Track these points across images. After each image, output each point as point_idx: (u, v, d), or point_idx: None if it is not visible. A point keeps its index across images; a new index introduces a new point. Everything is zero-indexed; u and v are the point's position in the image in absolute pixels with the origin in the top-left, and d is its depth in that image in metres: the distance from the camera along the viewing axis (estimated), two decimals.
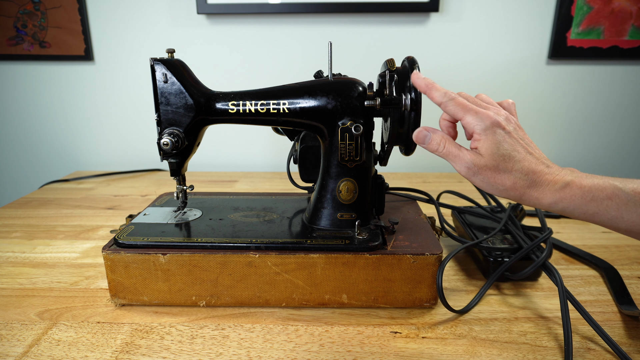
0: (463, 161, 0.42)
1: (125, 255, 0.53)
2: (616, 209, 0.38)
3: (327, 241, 0.54)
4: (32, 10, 1.12)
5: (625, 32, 1.10)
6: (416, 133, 0.45)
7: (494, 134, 0.41)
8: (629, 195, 0.37)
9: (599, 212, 0.39)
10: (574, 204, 0.39)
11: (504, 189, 0.41)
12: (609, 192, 0.38)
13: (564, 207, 0.40)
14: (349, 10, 1.08)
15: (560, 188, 0.39)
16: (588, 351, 0.48)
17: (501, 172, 0.41)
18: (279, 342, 0.50)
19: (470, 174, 0.42)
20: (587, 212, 0.39)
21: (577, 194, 0.39)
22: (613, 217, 0.38)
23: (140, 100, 1.20)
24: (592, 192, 0.39)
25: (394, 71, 0.53)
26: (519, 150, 0.41)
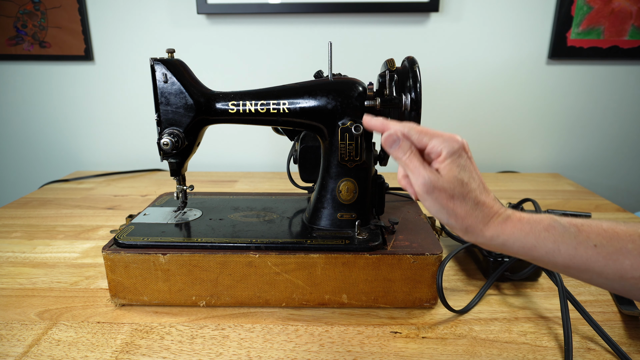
0: (421, 176, 0.41)
1: (125, 255, 0.53)
2: (553, 241, 0.37)
3: (327, 241, 0.54)
4: (32, 10, 1.12)
5: (625, 32, 1.10)
6: (386, 135, 0.44)
7: (459, 157, 0.41)
8: (565, 226, 0.37)
9: (537, 246, 0.38)
10: (513, 237, 0.38)
11: (453, 214, 0.40)
12: (546, 224, 0.38)
13: (504, 240, 0.39)
14: (349, 10, 1.08)
15: (502, 221, 0.39)
16: (588, 351, 0.48)
17: (455, 199, 0.40)
18: (279, 342, 0.50)
19: (424, 192, 0.41)
20: (526, 246, 0.38)
21: (516, 227, 0.38)
22: (550, 250, 0.37)
23: (140, 100, 1.20)
24: (530, 224, 0.38)
25: (394, 71, 0.53)
26: (475, 179, 0.41)
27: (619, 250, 0.34)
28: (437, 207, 0.41)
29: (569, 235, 0.36)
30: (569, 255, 0.36)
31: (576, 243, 0.36)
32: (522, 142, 1.22)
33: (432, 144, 0.42)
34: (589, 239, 0.36)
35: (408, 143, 0.43)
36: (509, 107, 1.18)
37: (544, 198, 0.98)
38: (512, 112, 1.19)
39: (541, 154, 1.23)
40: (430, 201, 0.41)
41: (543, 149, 1.23)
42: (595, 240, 0.35)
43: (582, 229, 0.36)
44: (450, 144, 0.41)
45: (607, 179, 1.25)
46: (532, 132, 1.21)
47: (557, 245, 0.36)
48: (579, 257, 0.36)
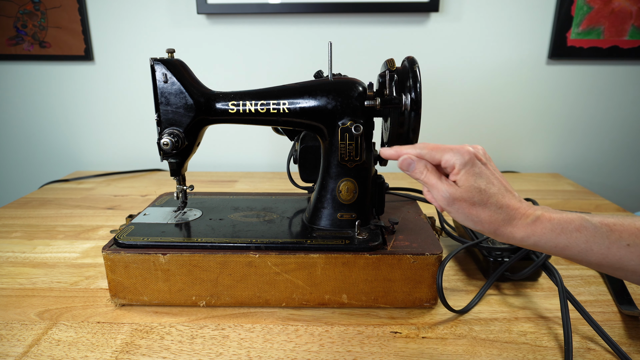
0: (440, 191, 0.42)
1: (125, 255, 0.53)
2: (585, 241, 0.37)
3: (327, 241, 0.54)
4: (32, 10, 1.12)
5: (625, 32, 1.10)
6: (401, 160, 0.45)
7: (472, 167, 0.42)
8: (597, 226, 0.37)
9: (569, 245, 0.38)
10: (545, 238, 0.39)
11: (478, 221, 0.41)
12: (577, 224, 0.38)
13: (536, 241, 0.39)
14: (349, 10, 1.08)
15: (532, 222, 0.40)
16: (588, 351, 0.48)
17: (477, 206, 0.41)
18: (279, 342, 0.50)
19: (446, 204, 0.42)
20: (558, 246, 0.39)
21: (547, 227, 0.39)
22: (583, 249, 0.38)
23: (140, 100, 1.20)
24: (561, 225, 0.39)
25: (394, 71, 0.53)
26: (494, 183, 0.42)
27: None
28: (462, 216, 0.42)
29: (600, 235, 0.37)
30: (602, 254, 0.37)
31: (608, 243, 0.36)
32: (522, 142, 1.22)
33: (445, 158, 0.43)
34: (621, 238, 0.36)
35: (422, 163, 0.44)
36: (509, 107, 1.18)
37: (544, 198, 0.98)
38: (512, 112, 1.19)
39: (541, 154, 1.23)
40: (454, 212, 0.42)
41: (543, 149, 1.23)
42: (628, 239, 0.36)
43: (614, 228, 0.37)
44: (461, 155, 0.42)
45: (607, 179, 1.25)
46: (532, 132, 1.21)
47: (589, 245, 0.37)
48: (611, 256, 0.36)
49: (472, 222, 0.42)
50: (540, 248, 0.40)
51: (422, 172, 0.44)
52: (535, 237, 0.39)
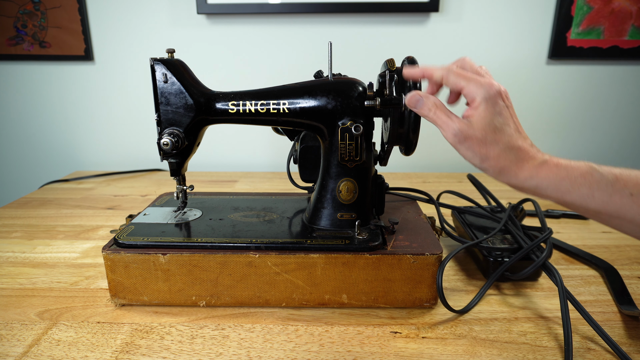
0: (451, 128, 0.42)
1: (125, 255, 0.53)
2: (588, 186, 0.38)
3: (327, 241, 0.54)
4: (32, 10, 1.12)
5: (625, 32, 1.10)
6: (409, 97, 0.45)
7: (494, 105, 0.41)
8: (603, 174, 0.37)
9: (571, 190, 0.38)
10: (547, 180, 0.39)
11: (486, 158, 0.41)
12: (583, 170, 0.38)
13: (538, 183, 0.39)
14: (349, 10, 1.08)
15: (538, 165, 0.40)
16: (588, 351, 0.48)
17: (488, 144, 0.41)
18: (279, 342, 0.50)
19: (456, 142, 0.42)
20: (560, 190, 0.39)
21: (552, 171, 0.39)
22: (584, 195, 0.38)
23: (140, 100, 1.20)
24: (566, 170, 0.39)
25: (394, 71, 0.53)
26: (510, 125, 0.41)
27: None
28: (470, 153, 0.42)
29: (605, 182, 0.37)
30: (603, 202, 0.37)
31: (612, 190, 0.36)
32: None
33: (469, 89, 0.42)
34: (626, 187, 0.36)
35: (431, 100, 0.44)
36: None
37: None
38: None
39: None
40: (462, 149, 0.42)
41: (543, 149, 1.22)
42: (633, 189, 0.36)
43: (620, 177, 0.37)
44: (486, 89, 0.41)
45: None
46: (532, 132, 1.21)
47: (592, 191, 0.37)
48: (612, 204, 0.37)
49: (479, 159, 0.41)
50: (541, 191, 0.40)
51: (430, 110, 0.44)
52: (538, 179, 0.39)
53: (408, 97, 0.45)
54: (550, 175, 0.39)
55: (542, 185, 0.40)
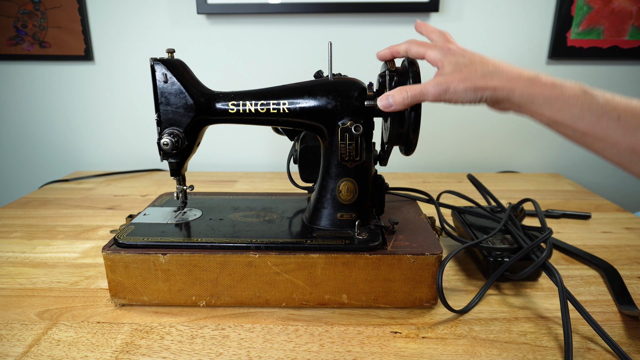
0: (430, 86, 0.45)
1: (125, 255, 0.53)
2: (580, 107, 0.39)
3: (327, 241, 0.54)
4: (32, 10, 1.12)
5: (625, 32, 1.10)
6: (380, 103, 0.48)
7: (454, 54, 0.46)
8: (594, 95, 0.39)
9: (563, 109, 0.39)
10: (542, 97, 0.40)
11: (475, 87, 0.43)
12: (576, 91, 0.39)
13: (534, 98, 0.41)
14: (349, 10, 1.08)
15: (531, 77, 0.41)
16: (588, 351, 0.48)
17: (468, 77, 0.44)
18: (279, 342, 0.50)
19: (442, 91, 0.45)
20: (553, 107, 0.40)
21: (547, 88, 0.40)
22: (575, 115, 0.39)
23: (140, 100, 1.20)
24: (561, 89, 0.40)
25: (394, 71, 0.53)
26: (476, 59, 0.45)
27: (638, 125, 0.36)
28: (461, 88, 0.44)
29: (596, 103, 0.38)
30: (591, 123, 0.38)
31: (601, 112, 0.37)
32: (522, 142, 1.22)
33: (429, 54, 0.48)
34: (615, 110, 0.37)
35: (397, 89, 0.47)
36: None
37: (544, 198, 0.98)
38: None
39: (541, 154, 1.23)
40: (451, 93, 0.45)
41: (543, 149, 1.23)
42: (621, 112, 0.37)
43: (610, 101, 0.38)
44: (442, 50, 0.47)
45: (607, 179, 1.25)
46: (532, 132, 1.21)
47: (582, 112, 0.38)
48: (599, 126, 0.38)
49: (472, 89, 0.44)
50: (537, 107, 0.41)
51: (403, 96, 0.47)
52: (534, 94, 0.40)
53: (380, 104, 0.48)
54: (545, 91, 0.40)
55: (537, 102, 0.41)
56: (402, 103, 0.48)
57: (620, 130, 0.37)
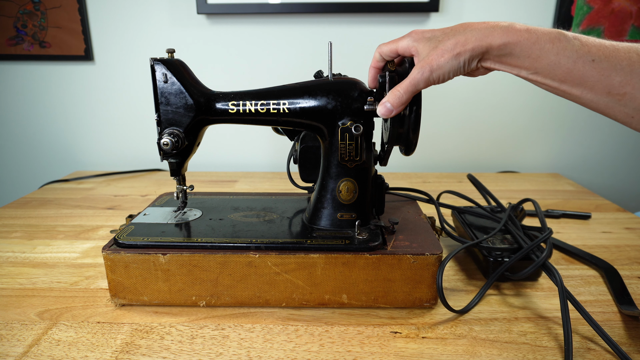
0: (416, 74, 0.45)
1: (125, 255, 0.53)
2: (556, 53, 0.39)
3: (327, 241, 0.54)
4: (32, 10, 1.12)
5: (625, 32, 1.10)
6: (380, 112, 0.49)
7: (423, 36, 0.46)
8: (569, 39, 0.39)
9: (541, 56, 0.39)
10: (520, 46, 0.40)
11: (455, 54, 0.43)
12: (553, 36, 0.39)
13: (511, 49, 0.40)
14: (349, 10, 1.08)
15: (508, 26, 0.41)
16: (588, 351, 0.48)
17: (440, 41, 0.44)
18: (279, 342, 0.50)
19: (427, 72, 0.45)
20: (531, 55, 0.40)
21: (523, 35, 0.40)
22: (552, 62, 0.39)
23: (140, 100, 1.20)
24: (536, 34, 0.40)
25: (393, 71, 0.53)
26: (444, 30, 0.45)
27: (613, 67, 0.37)
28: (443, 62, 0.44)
29: (571, 47, 0.38)
30: (568, 68, 0.38)
31: (576, 57, 0.38)
32: (522, 142, 1.22)
33: (400, 45, 0.48)
34: (589, 53, 0.37)
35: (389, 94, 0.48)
36: (508, 106, 1.18)
37: (544, 198, 0.98)
38: (512, 112, 1.19)
39: (541, 154, 1.23)
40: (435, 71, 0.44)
41: (543, 149, 1.23)
42: (595, 55, 0.37)
43: (585, 43, 0.38)
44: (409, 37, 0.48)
45: (607, 179, 1.25)
46: (532, 132, 1.21)
47: (558, 58, 0.38)
48: (576, 71, 0.38)
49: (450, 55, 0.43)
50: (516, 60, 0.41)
51: (397, 97, 0.47)
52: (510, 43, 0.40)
53: (381, 114, 0.49)
54: (522, 40, 0.40)
55: (515, 51, 0.40)
56: (400, 103, 0.48)
57: (595, 73, 0.37)
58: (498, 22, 0.42)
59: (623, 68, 0.37)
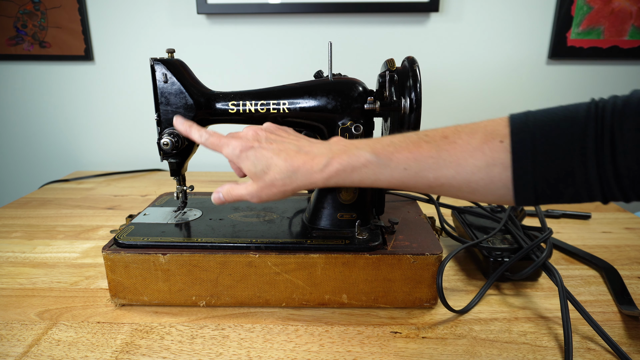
0: (244, 193, 0.47)
1: (125, 255, 0.53)
2: (373, 173, 0.42)
3: (327, 241, 0.54)
4: (32, 10, 1.12)
5: (625, 32, 1.10)
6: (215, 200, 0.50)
7: (247, 158, 0.46)
8: (379, 158, 0.42)
9: (363, 180, 0.43)
10: (341, 178, 0.43)
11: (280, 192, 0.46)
12: (363, 161, 0.42)
13: (337, 182, 0.44)
14: (349, 10, 1.08)
15: (323, 167, 0.44)
16: (588, 351, 0.48)
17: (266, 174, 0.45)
18: (279, 342, 0.50)
19: (255, 200, 0.47)
20: (354, 182, 0.43)
21: (339, 169, 0.43)
22: (373, 180, 0.43)
23: (140, 100, 1.20)
24: (351, 164, 0.43)
25: (393, 71, 0.53)
26: (270, 157, 0.45)
27: (423, 169, 0.41)
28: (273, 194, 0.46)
29: (384, 166, 0.42)
30: (387, 180, 0.43)
31: (390, 170, 0.42)
32: None
33: (225, 153, 0.48)
34: (399, 164, 0.41)
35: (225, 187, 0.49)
36: (509, 107, 1.18)
37: None
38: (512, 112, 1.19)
39: None
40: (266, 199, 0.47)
41: None
42: (405, 164, 0.41)
43: (393, 157, 0.42)
44: (234, 151, 0.47)
45: None
46: None
47: (377, 176, 0.43)
48: (395, 180, 0.42)
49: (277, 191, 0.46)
50: (342, 185, 0.45)
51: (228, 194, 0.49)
52: (333, 179, 0.44)
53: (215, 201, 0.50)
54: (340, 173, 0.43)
55: (339, 182, 0.44)
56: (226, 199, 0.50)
57: (411, 177, 0.41)
58: (315, 157, 0.44)
59: (431, 166, 0.40)
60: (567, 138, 0.36)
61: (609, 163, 0.35)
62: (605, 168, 0.35)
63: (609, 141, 0.35)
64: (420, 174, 0.41)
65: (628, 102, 0.35)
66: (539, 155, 0.37)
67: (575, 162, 0.36)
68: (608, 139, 0.35)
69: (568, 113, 0.38)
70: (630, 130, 0.34)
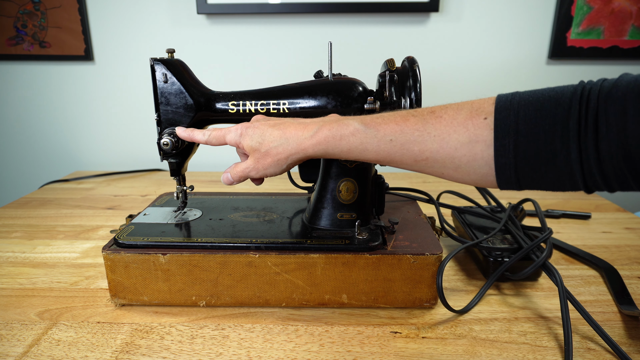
0: (244, 167, 0.50)
1: (125, 255, 0.53)
2: (360, 142, 0.43)
3: (327, 241, 0.54)
4: (32, 10, 1.12)
5: (625, 32, 1.10)
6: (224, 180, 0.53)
7: (246, 135, 0.49)
8: (367, 128, 0.43)
9: (351, 149, 0.44)
10: (330, 145, 0.45)
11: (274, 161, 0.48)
12: (352, 129, 0.43)
13: (325, 149, 0.45)
14: (349, 10, 1.08)
15: (313, 134, 0.45)
16: (588, 351, 0.48)
17: (261, 146, 0.47)
18: (279, 342, 0.50)
19: (255, 173, 0.49)
20: (343, 150, 0.44)
21: (328, 135, 0.44)
22: (360, 150, 0.44)
23: (140, 100, 1.20)
24: (339, 132, 0.44)
25: (394, 71, 0.53)
26: (266, 129, 0.48)
27: (408, 141, 0.41)
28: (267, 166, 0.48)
29: (371, 135, 0.43)
30: (375, 151, 0.43)
31: (377, 141, 0.43)
32: None
33: (228, 140, 0.51)
34: (385, 135, 0.42)
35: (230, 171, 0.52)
36: None
37: (544, 198, 0.98)
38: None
39: None
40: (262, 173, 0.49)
41: None
42: (391, 135, 0.42)
43: (380, 128, 0.43)
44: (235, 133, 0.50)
45: None
46: None
47: (364, 146, 0.43)
48: (382, 151, 0.43)
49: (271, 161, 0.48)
50: (330, 154, 0.46)
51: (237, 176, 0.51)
52: (321, 145, 0.45)
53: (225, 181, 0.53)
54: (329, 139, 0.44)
55: (329, 150, 0.45)
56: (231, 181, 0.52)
57: (397, 150, 0.42)
58: (307, 125, 0.46)
59: (416, 139, 0.41)
60: (550, 119, 0.36)
61: (592, 147, 0.34)
62: (587, 153, 0.34)
63: (592, 124, 0.34)
64: (405, 145, 0.42)
65: (616, 85, 0.34)
66: (521, 134, 0.37)
67: (557, 144, 0.35)
68: (592, 122, 0.34)
69: (554, 94, 0.37)
70: (616, 114, 0.33)
